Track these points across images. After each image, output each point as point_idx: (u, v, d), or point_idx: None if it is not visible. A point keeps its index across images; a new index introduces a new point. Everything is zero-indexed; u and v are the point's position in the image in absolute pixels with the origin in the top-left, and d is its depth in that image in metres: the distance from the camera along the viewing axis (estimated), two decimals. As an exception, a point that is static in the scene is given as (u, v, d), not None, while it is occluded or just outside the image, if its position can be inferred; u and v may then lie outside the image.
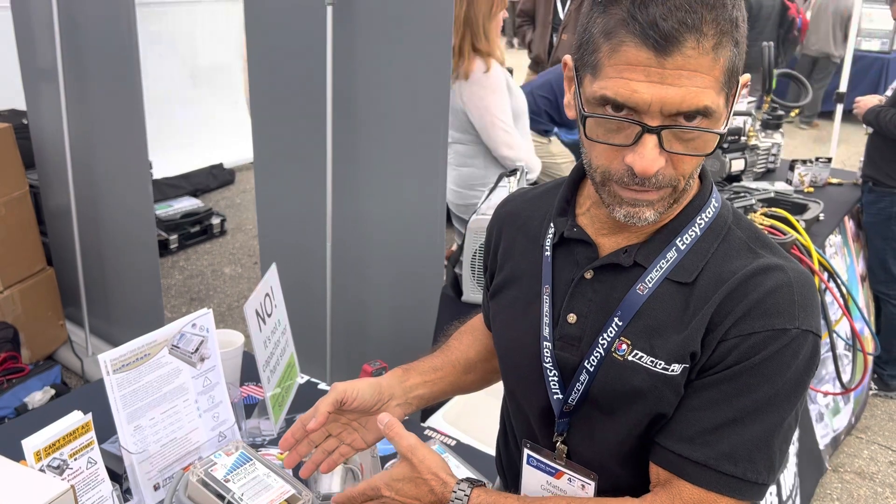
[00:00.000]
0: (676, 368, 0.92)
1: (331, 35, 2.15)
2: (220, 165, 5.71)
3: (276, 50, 2.37)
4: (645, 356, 0.93)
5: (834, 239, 2.88)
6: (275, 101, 2.44)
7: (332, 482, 1.23)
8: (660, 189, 0.88)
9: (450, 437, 1.57)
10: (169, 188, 5.02)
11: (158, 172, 4.89)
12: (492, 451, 1.29)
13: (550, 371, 1.00)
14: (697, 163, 0.88)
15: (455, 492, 0.98)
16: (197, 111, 5.67)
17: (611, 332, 0.95)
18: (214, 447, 1.31)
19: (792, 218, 2.48)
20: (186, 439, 1.30)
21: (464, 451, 1.52)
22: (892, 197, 3.02)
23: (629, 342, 0.94)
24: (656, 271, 0.94)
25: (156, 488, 1.25)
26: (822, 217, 2.79)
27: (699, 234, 0.95)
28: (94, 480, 1.15)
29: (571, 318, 0.99)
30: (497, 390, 1.34)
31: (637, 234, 0.97)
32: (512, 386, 1.13)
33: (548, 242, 1.04)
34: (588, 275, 0.98)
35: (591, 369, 0.96)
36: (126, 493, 1.25)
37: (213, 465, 1.14)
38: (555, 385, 1.01)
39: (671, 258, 0.94)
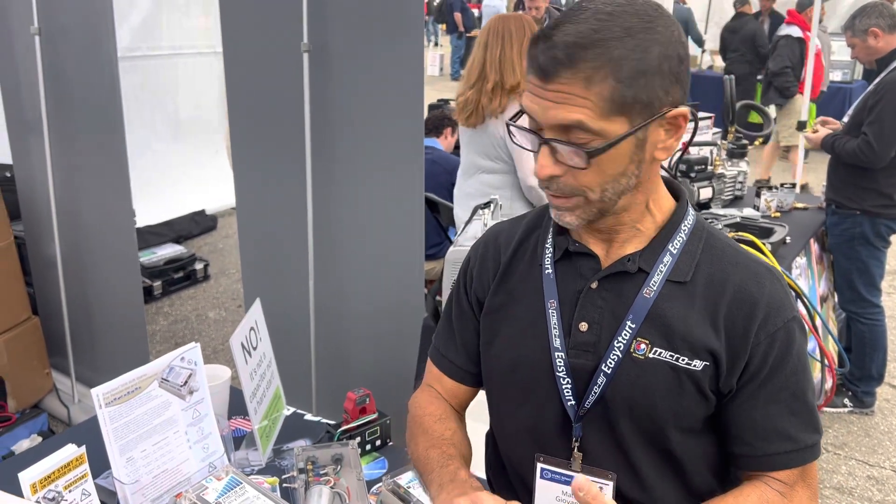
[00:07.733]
0: (698, 364, 1.03)
1: (307, 81, 2.24)
2: (203, 211, 5.76)
3: (256, 96, 2.45)
4: (664, 352, 1.04)
5: (800, 261, 2.98)
6: (255, 147, 2.50)
7: (319, 505, 1.27)
8: (569, 197, 1.01)
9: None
10: (152, 235, 5.05)
11: (141, 220, 4.93)
12: (478, 473, 1.33)
13: (564, 380, 1.09)
14: (599, 178, 0.99)
15: None
16: (178, 159, 5.72)
17: (625, 334, 1.05)
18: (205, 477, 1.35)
19: (759, 241, 2.57)
20: (177, 470, 1.34)
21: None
22: (853, 218, 3.13)
23: (647, 341, 1.04)
24: (658, 275, 1.06)
25: (148, 518, 1.29)
26: (788, 240, 2.89)
27: (685, 239, 1.08)
28: (88, 511, 1.18)
29: (583, 326, 1.08)
30: (478, 414, 1.37)
31: (632, 242, 1.08)
32: (518, 403, 1.16)
33: (547, 261, 1.14)
34: (594, 285, 1.08)
35: (609, 371, 1.05)
36: (119, 524, 1.29)
37: (204, 489, 1.19)
38: (568, 392, 1.09)
39: (667, 262, 1.06)
